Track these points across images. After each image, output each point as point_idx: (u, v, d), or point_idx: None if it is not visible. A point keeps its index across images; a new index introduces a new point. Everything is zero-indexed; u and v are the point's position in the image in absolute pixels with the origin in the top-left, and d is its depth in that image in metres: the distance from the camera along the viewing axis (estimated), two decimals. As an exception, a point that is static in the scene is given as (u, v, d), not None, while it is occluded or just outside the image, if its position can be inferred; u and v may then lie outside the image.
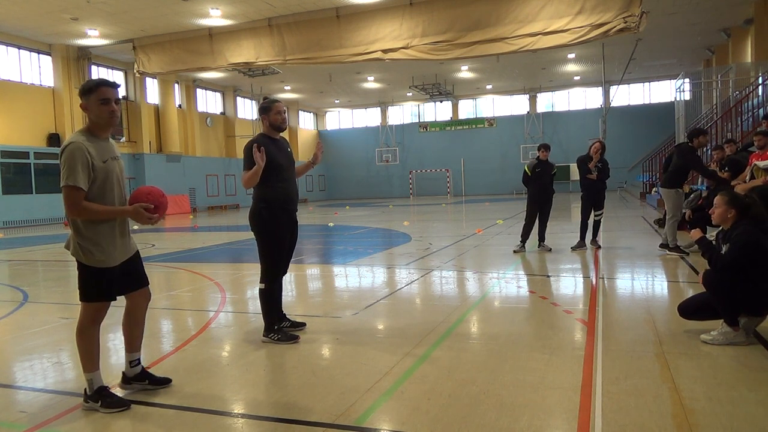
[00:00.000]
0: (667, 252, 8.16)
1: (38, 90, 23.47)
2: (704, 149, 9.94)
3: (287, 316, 4.78)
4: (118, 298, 3.34)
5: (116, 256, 3.27)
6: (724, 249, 4.07)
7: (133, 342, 3.49)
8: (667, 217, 8.39)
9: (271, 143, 4.42)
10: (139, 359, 3.51)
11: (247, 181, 4.28)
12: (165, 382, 3.54)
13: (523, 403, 3.09)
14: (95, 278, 3.20)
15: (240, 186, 35.66)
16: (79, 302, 3.27)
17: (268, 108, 4.47)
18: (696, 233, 4.28)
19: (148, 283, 3.54)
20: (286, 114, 4.58)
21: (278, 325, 4.52)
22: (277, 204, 4.39)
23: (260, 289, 4.49)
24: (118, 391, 3.44)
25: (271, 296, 4.50)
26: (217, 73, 29.58)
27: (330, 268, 8.73)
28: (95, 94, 3.17)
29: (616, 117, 34.91)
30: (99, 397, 3.21)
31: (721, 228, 4.27)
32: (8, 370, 4.08)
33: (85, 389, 3.27)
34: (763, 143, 7.79)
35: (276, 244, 4.45)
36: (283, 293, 4.77)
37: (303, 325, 4.79)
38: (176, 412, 3.18)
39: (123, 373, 3.51)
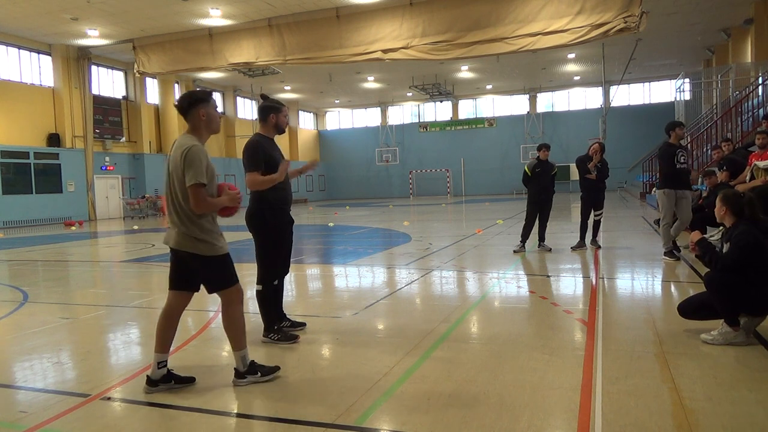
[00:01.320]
0: (662, 257, 7.80)
1: (38, 90, 23.47)
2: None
3: (287, 316, 4.78)
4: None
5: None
6: (725, 248, 4.07)
7: (165, 342, 3.48)
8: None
9: (269, 144, 4.42)
10: (166, 360, 3.48)
11: (259, 185, 4.24)
12: (190, 380, 3.55)
13: (523, 403, 3.09)
14: (227, 263, 3.48)
15: (240, 186, 35.33)
16: (213, 292, 3.52)
17: (278, 109, 4.44)
18: (695, 235, 4.27)
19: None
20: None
21: (278, 325, 4.52)
22: (277, 205, 4.40)
23: (258, 291, 4.47)
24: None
25: (268, 297, 4.48)
26: (217, 73, 29.57)
27: (330, 268, 8.73)
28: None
29: (616, 117, 34.92)
30: (256, 369, 3.54)
31: (721, 227, 4.27)
32: (8, 370, 4.08)
33: (236, 368, 3.53)
34: (764, 142, 7.78)
35: (276, 245, 4.45)
36: (283, 293, 4.77)
37: (303, 325, 4.79)
38: (176, 412, 3.18)
39: (147, 376, 3.46)
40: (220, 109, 34.95)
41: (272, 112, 4.41)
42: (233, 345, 3.54)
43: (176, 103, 3.54)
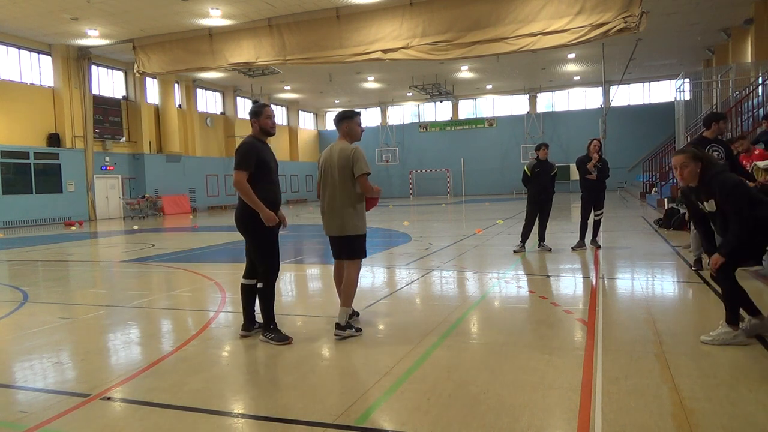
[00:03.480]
0: (692, 268, 6.99)
1: (38, 90, 23.47)
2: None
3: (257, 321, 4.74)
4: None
5: None
6: (706, 204, 4.08)
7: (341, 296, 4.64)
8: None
9: (262, 146, 4.51)
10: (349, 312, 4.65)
11: (244, 193, 4.30)
12: (358, 330, 4.61)
13: (523, 403, 3.09)
14: (364, 241, 4.68)
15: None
16: (347, 260, 4.65)
17: (258, 112, 4.53)
18: (717, 260, 4.00)
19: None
20: (274, 119, 4.66)
21: (273, 324, 4.51)
22: (268, 206, 4.41)
23: (259, 289, 4.51)
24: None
25: (270, 295, 4.51)
26: (217, 73, 29.58)
27: (330, 268, 8.70)
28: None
29: (616, 117, 34.92)
30: (351, 326, 4.56)
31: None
32: (8, 370, 4.08)
33: (338, 323, 4.48)
34: (743, 147, 7.64)
35: (272, 243, 4.50)
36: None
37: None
38: (176, 412, 3.18)
39: (337, 323, 4.51)
40: (219, 109, 35.00)
41: (252, 117, 4.56)
42: (343, 301, 4.57)
43: (334, 118, 4.92)
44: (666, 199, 16.37)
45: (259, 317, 4.70)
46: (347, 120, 4.72)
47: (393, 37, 16.16)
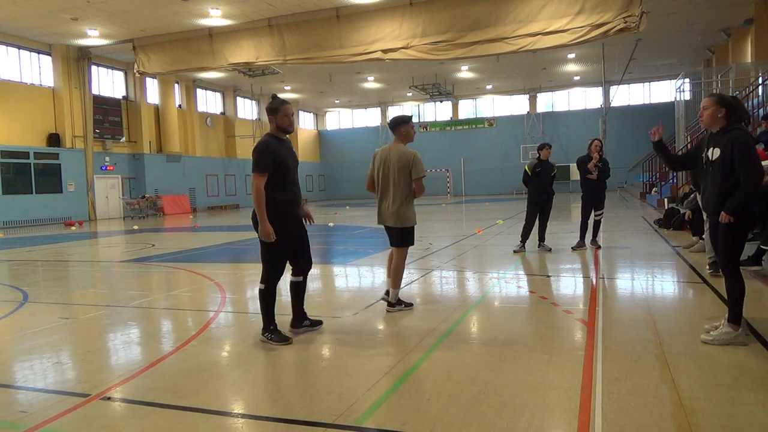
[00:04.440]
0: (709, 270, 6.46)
1: (38, 90, 23.47)
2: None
3: (308, 315, 4.79)
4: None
5: None
6: (711, 152, 4.01)
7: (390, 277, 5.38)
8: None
9: (279, 145, 4.41)
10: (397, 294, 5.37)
11: (257, 200, 4.25)
12: (408, 305, 5.41)
13: (523, 403, 3.09)
14: (413, 231, 5.45)
15: (240, 186, 35.67)
16: (396, 247, 5.45)
17: (276, 110, 4.42)
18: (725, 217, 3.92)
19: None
20: (293, 116, 4.57)
21: (274, 325, 4.48)
22: (285, 207, 4.39)
23: (260, 290, 4.47)
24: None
25: (270, 296, 4.48)
26: (217, 73, 29.58)
27: (330, 268, 8.73)
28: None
29: (616, 117, 34.92)
30: (401, 302, 5.37)
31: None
32: (8, 370, 4.08)
33: (389, 300, 5.37)
34: None
35: (279, 247, 4.41)
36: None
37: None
38: (176, 412, 3.17)
39: (387, 301, 5.39)
40: (219, 109, 35.00)
41: (270, 114, 4.45)
42: (392, 283, 5.37)
43: (388, 121, 5.51)
44: (666, 199, 16.38)
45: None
46: (404, 124, 5.31)
47: (393, 37, 16.16)
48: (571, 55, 29.02)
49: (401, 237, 5.38)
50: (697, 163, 4.30)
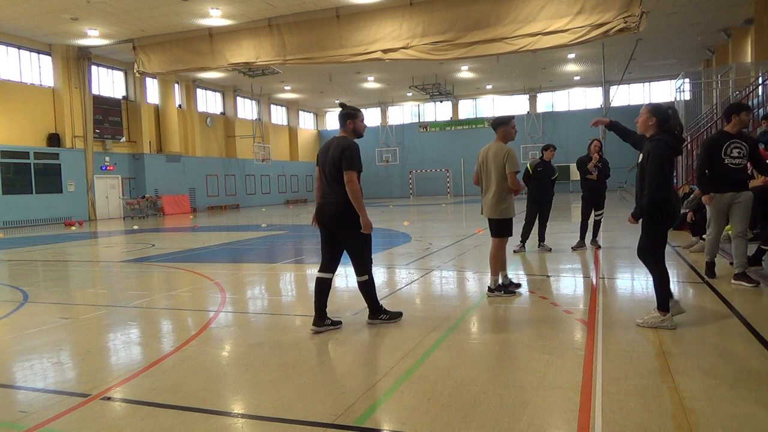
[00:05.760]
0: (742, 282, 5.91)
1: (38, 90, 23.47)
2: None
3: (328, 316, 4.85)
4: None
5: None
6: (641, 153, 4.45)
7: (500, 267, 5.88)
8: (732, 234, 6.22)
9: None
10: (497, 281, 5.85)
11: (356, 193, 4.51)
12: (518, 286, 6.02)
13: (523, 403, 3.09)
14: (511, 224, 5.84)
15: (240, 186, 35.70)
16: (493, 238, 5.90)
17: (354, 114, 4.79)
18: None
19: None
20: None
21: (382, 307, 4.92)
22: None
23: (364, 281, 4.76)
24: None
25: (372, 285, 4.86)
26: (217, 73, 29.58)
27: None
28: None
29: (616, 117, 33.59)
30: (502, 288, 5.82)
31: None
32: (8, 370, 4.08)
33: (489, 287, 5.87)
34: None
35: (370, 238, 4.74)
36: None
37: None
38: (176, 412, 3.17)
39: (489, 286, 5.90)
40: (219, 109, 35.01)
41: (348, 118, 4.78)
42: (492, 271, 5.85)
43: (490, 122, 5.98)
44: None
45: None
46: (504, 125, 5.78)
47: (393, 37, 16.16)
48: (571, 55, 29.02)
49: (497, 228, 5.84)
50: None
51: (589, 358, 3.77)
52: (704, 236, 7.02)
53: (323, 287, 4.78)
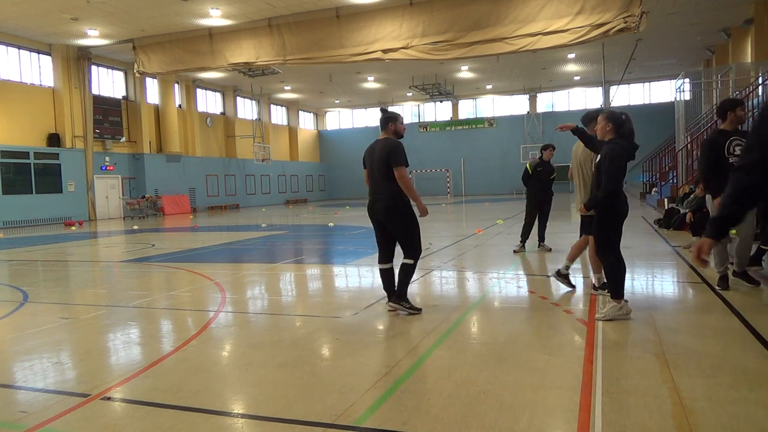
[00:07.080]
0: (742, 282, 5.86)
1: (38, 90, 23.46)
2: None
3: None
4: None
5: None
6: (598, 157, 4.82)
7: (572, 255, 5.94)
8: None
9: None
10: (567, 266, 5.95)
11: (407, 184, 5.09)
12: (570, 284, 6.01)
13: (523, 403, 3.09)
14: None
15: (240, 186, 35.69)
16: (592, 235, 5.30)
17: (395, 117, 5.27)
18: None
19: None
20: None
21: (406, 298, 5.19)
22: (407, 199, 5.19)
23: (410, 264, 5.16)
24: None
25: (414, 270, 5.18)
26: (217, 73, 29.57)
27: (330, 268, 8.73)
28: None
29: (616, 117, 34.82)
30: (604, 287, 5.35)
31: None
32: (8, 370, 4.08)
33: (594, 284, 5.81)
34: None
35: (418, 224, 5.21)
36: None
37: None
38: (176, 412, 3.17)
39: (558, 270, 6.02)
40: (219, 109, 35.01)
41: (390, 121, 5.24)
42: (595, 269, 5.75)
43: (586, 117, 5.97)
44: (666, 200, 16.39)
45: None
46: (594, 122, 5.54)
47: (393, 37, 16.17)
48: (571, 55, 29.01)
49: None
50: None
51: (589, 358, 3.77)
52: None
53: (388, 275, 5.27)
